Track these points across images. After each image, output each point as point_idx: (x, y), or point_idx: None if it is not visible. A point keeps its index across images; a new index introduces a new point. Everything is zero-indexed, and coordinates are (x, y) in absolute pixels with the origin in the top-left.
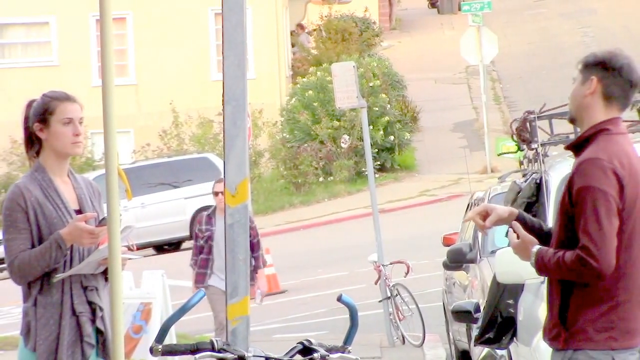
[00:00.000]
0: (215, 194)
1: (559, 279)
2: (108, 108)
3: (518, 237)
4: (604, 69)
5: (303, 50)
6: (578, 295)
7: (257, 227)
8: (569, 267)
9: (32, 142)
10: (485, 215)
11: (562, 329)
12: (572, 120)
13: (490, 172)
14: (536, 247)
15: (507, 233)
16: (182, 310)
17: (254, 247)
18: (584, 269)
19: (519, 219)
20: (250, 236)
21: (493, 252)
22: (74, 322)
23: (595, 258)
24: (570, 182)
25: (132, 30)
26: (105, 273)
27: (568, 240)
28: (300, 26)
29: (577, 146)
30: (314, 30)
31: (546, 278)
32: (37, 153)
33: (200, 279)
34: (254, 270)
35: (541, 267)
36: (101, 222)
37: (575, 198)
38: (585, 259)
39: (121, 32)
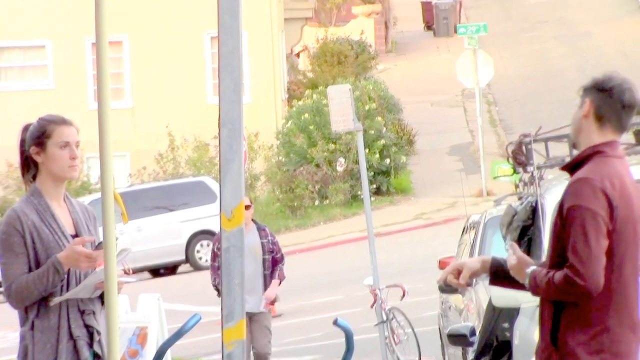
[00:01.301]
0: None
1: (550, 299)
2: (104, 131)
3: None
4: (597, 90)
5: (297, 72)
6: (569, 316)
7: (278, 242)
8: (557, 287)
9: (29, 166)
10: (457, 273)
11: (553, 350)
12: (574, 145)
13: (486, 195)
14: (531, 268)
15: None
16: (178, 334)
17: (277, 261)
18: (571, 288)
19: (493, 264)
20: (273, 252)
21: None
22: (71, 346)
23: (582, 277)
24: (561, 203)
25: (128, 53)
26: (102, 297)
27: (561, 261)
28: (292, 51)
29: (573, 167)
30: (301, 51)
31: (539, 301)
32: (34, 177)
33: None
34: (270, 275)
35: (534, 287)
36: (98, 246)
37: (565, 218)
38: (572, 278)
39: (117, 56)
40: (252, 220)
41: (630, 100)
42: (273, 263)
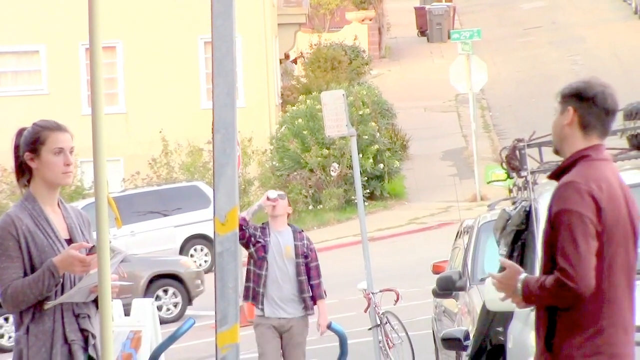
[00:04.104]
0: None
1: (544, 305)
2: (98, 136)
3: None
4: (579, 98)
5: (290, 77)
6: (563, 321)
7: (316, 250)
8: (550, 291)
9: (23, 171)
10: None
11: (548, 355)
12: (557, 152)
13: (479, 200)
14: (523, 275)
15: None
16: (172, 338)
17: (312, 273)
18: (563, 291)
19: None
20: (308, 258)
21: (482, 279)
22: (66, 350)
23: (572, 279)
24: (549, 208)
25: (122, 58)
26: (96, 301)
27: (553, 267)
28: (286, 56)
29: (559, 174)
30: (298, 57)
31: (535, 308)
32: (28, 181)
33: (255, 296)
34: (312, 299)
35: (527, 295)
36: (91, 251)
37: (553, 222)
38: (563, 280)
39: (111, 61)
40: (288, 224)
41: (612, 106)
42: (308, 271)
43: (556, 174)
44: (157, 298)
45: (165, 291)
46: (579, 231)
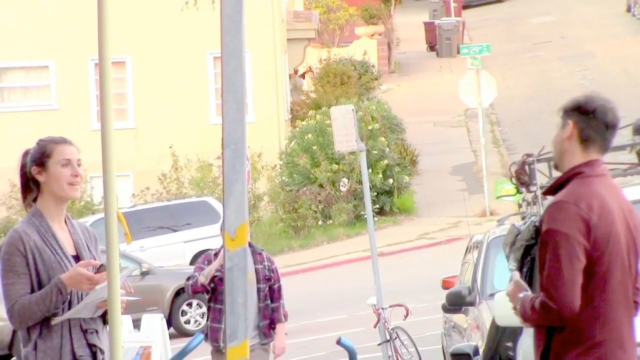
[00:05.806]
0: None
1: (535, 324)
2: (107, 152)
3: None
4: (579, 112)
5: (300, 92)
6: (557, 339)
7: (278, 269)
8: (538, 312)
9: (30, 189)
10: None
11: None
12: (557, 167)
13: (489, 215)
14: (523, 293)
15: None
16: (182, 354)
17: (274, 295)
18: (546, 312)
19: None
20: (270, 280)
21: (492, 295)
22: None
23: (554, 300)
24: (540, 227)
25: (132, 74)
26: (104, 316)
27: None
28: (295, 71)
29: (554, 190)
30: (306, 72)
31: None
32: (35, 200)
33: (214, 336)
34: (271, 323)
35: (522, 313)
36: (99, 269)
37: (542, 242)
38: (546, 302)
39: (120, 76)
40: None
41: (613, 120)
42: (270, 294)
43: (551, 191)
44: (183, 313)
45: (190, 304)
46: (563, 252)
